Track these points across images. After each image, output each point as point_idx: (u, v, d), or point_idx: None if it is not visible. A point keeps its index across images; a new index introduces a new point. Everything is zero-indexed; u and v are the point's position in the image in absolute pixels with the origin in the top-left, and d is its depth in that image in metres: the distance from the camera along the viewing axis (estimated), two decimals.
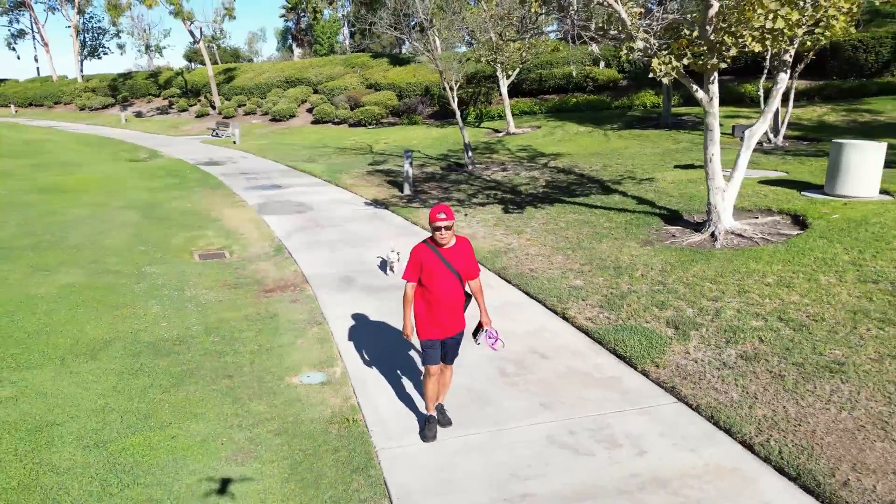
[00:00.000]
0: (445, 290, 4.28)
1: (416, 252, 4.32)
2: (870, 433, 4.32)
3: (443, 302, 4.30)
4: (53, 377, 5.47)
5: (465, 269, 4.36)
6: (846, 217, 8.49)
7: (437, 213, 4.18)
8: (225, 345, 6.29)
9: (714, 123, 8.66)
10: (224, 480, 4.08)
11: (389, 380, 5.51)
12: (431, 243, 4.31)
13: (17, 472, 4.13)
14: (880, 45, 19.10)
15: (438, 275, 4.26)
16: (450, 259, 4.27)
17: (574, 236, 9.67)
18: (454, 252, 4.31)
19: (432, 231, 4.24)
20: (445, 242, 4.25)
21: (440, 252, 4.27)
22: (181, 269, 8.98)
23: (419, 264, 4.28)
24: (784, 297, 6.51)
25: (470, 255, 4.41)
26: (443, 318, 4.35)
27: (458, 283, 4.34)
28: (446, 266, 4.26)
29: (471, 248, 4.46)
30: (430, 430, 4.54)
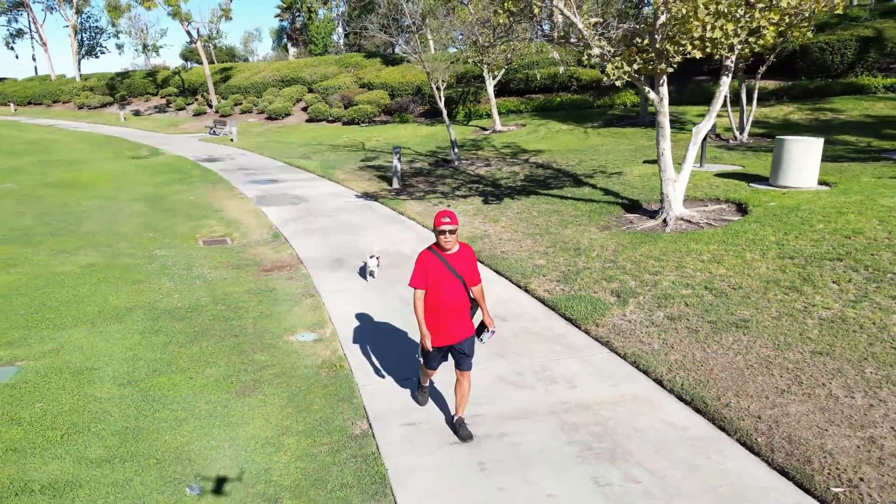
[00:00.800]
0: (451, 296, 4.32)
1: (421, 259, 4.36)
2: (755, 371, 5.36)
3: (449, 307, 4.33)
4: (87, 335, 6.48)
5: (468, 274, 4.41)
6: (782, 205, 9.54)
7: (442, 217, 4.22)
8: (230, 312, 7.30)
9: (665, 121, 9.70)
10: (234, 404, 5.10)
11: (372, 338, 6.53)
12: (436, 249, 4.35)
13: (68, 402, 5.13)
14: (845, 48, 20.19)
15: (444, 281, 4.29)
16: (454, 265, 4.32)
17: (543, 223, 10.71)
18: (458, 258, 4.36)
19: (437, 235, 4.27)
20: (450, 247, 4.30)
21: (445, 258, 4.32)
22: (188, 253, 9.98)
23: (425, 271, 4.32)
24: (713, 270, 7.56)
25: (472, 261, 4.47)
26: (450, 324, 4.37)
27: (463, 289, 4.38)
28: (451, 272, 4.30)
29: (473, 254, 4.53)
30: (423, 395, 5.00)
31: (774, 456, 4.28)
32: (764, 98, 20.88)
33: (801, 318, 6.14)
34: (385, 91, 31.69)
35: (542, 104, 25.96)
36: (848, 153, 13.52)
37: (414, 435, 4.70)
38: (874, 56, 19.92)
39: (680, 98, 22.88)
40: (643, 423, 4.81)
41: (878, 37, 19.95)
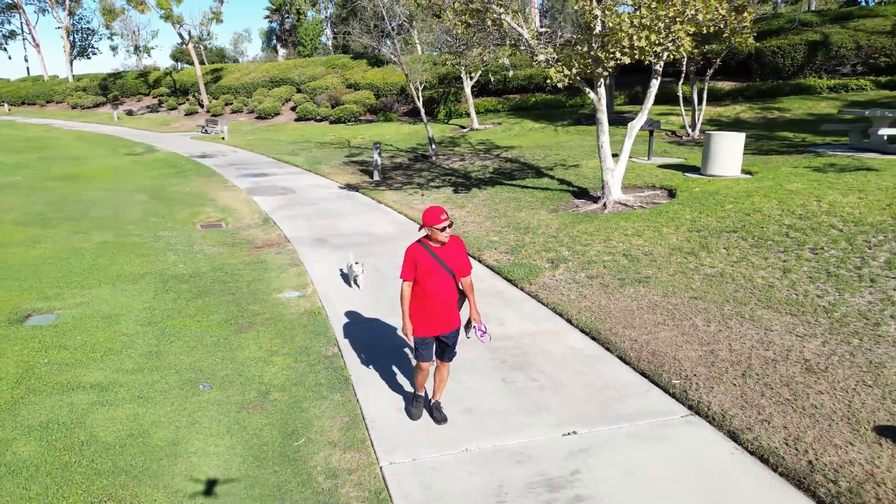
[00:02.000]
0: (440, 289, 4.37)
1: (410, 252, 4.41)
2: (642, 311, 6.83)
3: (438, 300, 4.39)
4: (110, 292, 7.86)
5: (458, 266, 4.46)
6: (705, 190, 11.05)
7: (440, 214, 4.25)
8: (227, 277, 8.70)
9: (603, 118, 11.18)
10: (234, 338, 6.51)
11: (344, 295, 7.95)
12: (426, 243, 4.40)
13: (102, 336, 6.52)
14: (795, 51, 21.81)
15: (433, 273, 4.34)
16: (443, 257, 4.36)
17: (503, 208, 12.17)
18: (447, 250, 4.40)
19: (434, 232, 4.30)
20: (444, 241, 4.37)
21: (434, 251, 4.36)
22: (188, 234, 11.36)
23: (414, 264, 4.37)
24: (632, 242, 9.04)
25: (462, 253, 4.52)
26: (438, 315, 4.43)
27: (451, 281, 4.43)
28: (440, 265, 4.34)
29: (463, 246, 4.58)
30: (417, 407, 4.88)
31: (640, 364, 5.74)
32: (721, 98, 22.50)
33: (690, 274, 7.65)
34: (371, 91, 33.09)
35: (518, 104, 27.46)
36: (781, 147, 15.06)
37: (372, 355, 6.13)
38: (821, 59, 21.56)
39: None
40: (550, 347, 6.27)
41: (826, 41, 21.59)
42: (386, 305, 7.43)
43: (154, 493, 4.02)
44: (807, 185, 10.24)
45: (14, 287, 7.94)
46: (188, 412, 5.01)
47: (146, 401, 5.17)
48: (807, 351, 5.60)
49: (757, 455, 4.35)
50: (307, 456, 4.46)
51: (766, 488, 4.04)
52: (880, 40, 20.58)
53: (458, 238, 4.57)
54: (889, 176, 10.29)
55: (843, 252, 7.46)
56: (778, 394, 4.98)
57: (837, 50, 21.16)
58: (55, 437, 4.61)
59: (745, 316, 6.42)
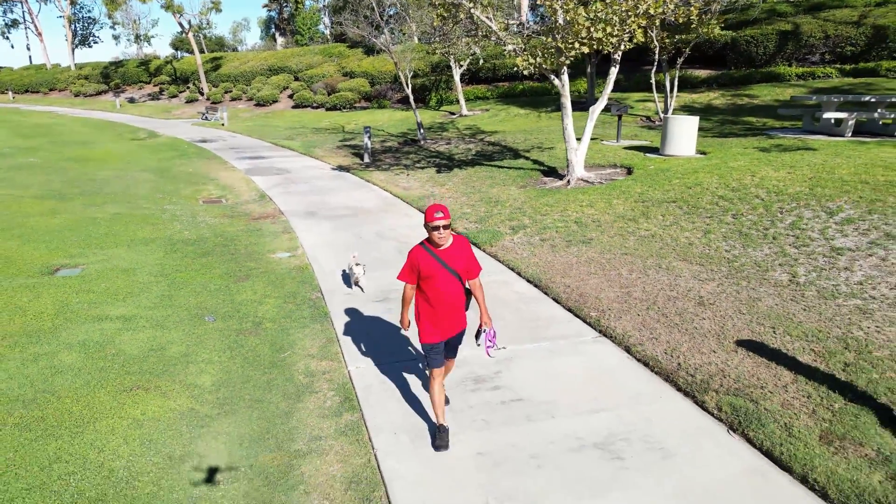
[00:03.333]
0: (446, 293, 4.17)
1: (412, 255, 4.20)
2: (579, 265, 8.03)
3: (444, 304, 4.19)
4: (125, 252, 9.07)
5: (464, 268, 4.25)
6: (658, 168, 12.22)
7: (434, 212, 4.03)
8: (227, 241, 9.90)
9: (567, 102, 12.33)
10: (233, 286, 7.72)
11: (329, 256, 9.15)
12: (428, 245, 4.18)
13: (122, 283, 7.72)
14: (767, 41, 22.88)
15: (437, 277, 4.13)
16: (447, 260, 4.14)
17: (478, 185, 13.34)
18: (451, 252, 4.17)
19: (430, 231, 4.08)
20: (443, 243, 4.11)
21: (437, 254, 4.13)
22: (192, 208, 12.55)
23: (415, 268, 4.16)
24: (585, 211, 10.24)
25: (469, 254, 4.30)
26: (445, 320, 4.24)
27: (458, 284, 4.23)
28: (444, 268, 4.12)
29: (469, 246, 4.34)
30: (442, 439, 4.36)
31: (568, 303, 6.95)
32: (697, 85, 23.60)
33: (627, 236, 8.85)
34: (365, 79, 34.13)
35: (507, 91, 28.54)
36: (741, 131, 16.19)
37: (350, 299, 7.34)
38: (792, 48, 22.63)
39: (628, 85, 25.57)
40: (499, 292, 7.47)
41: (796, 31, 22.64)
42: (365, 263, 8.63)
43: (171, 385, 5.24)
44: (748, 162, 11.41)
45: (42, 248, 9.15)
46: (196, 336, 6.22)
47: (162, 328, 6.39)
48: (703, 291, 6.82)
49: (642, 361, 5.57)
50: (291, 363, 5.68)
51: (643, 381, 5.25)
52: (847, 30, 21.63)
53: (464, 238, 4.34)
54: (823, 154, 11.46)
55: (758, 217, 8.66)
56: (670, 321, 6.20)
57: (807, 39, 22.23)
58: (91, 351, 5.83)
59: (662, 267, 7.63)
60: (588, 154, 14.27)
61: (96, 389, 5.12)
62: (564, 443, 4.40)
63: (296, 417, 4.78)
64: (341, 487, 3.97)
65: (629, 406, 4.85)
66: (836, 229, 7.81)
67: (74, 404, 4.88)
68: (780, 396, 4.75)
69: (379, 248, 9.39)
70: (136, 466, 4.15)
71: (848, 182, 9.32)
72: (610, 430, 4.54)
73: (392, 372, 5.49)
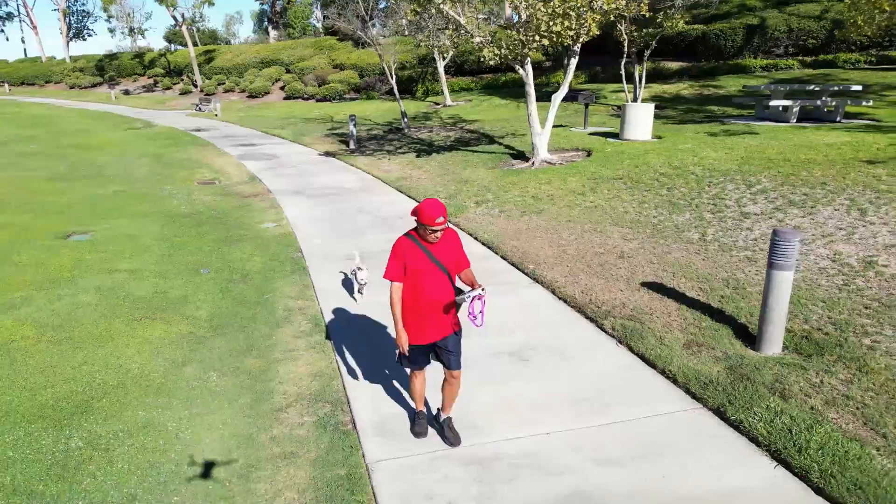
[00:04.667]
0: (433, 289, 3.86)
1: (398, 247, 3.87)
2: (528, 231, 9.20)
3: (431, 302, 3.88)
4: (128, 222, 10.19)
5: (454, 262, 3.97)
6: (615, 150, 13.39)
7: (436, 217, 3.67)
8: (220, 214, 11.02)
9: (531, 91, 13.46)
10: (225, 248, 8.86)
11: (310, 225, 10.29)
12: (415, 237, 3.87)
13: (127, 245, 8.84)
14: (735, 34, 24.04)
15: (424, 272, 3.83)
16: (437, 254, 3.85)
17: (452, 168, 14.49)
18: (441, 246, 3.88)
19: (425, 231, 3.75)
20: (436, 240, 3.83)
21: (426, 246, 3.83)
22: (187, 188, 13.65)
23: (402, 261, 3.83)
24: (542, 188, 11.40)
25: (458, 246, 4.02)
26: (431, 320, 3.92)
27: (446, 280, 3.90)
28: (433, 262, 3.84)
29: (458, 238, 4.05)
30: (421, 426, 4.33)
31: (513, 259, 8.11)
32: (669, 77, 24.75)
33: (574, 207, 10.03)
34: (355, 71, 35.16)
35: (490, 83, 29.64)
36: (701, 118, 17.35)
37: (325, 258, 8.49)
38: (758, 41, 23.81)
39: (605, 77, 26.72)
40: None
41: (762, 25, 23.81)
42: (340, 230, 9.79)
43: (174, 316, 6.39)
44: (694, 145, 12.60)
45: (54, 219, 10.26)
46: (194, 284, 7.37)
47: (164, 278, 7.53)
48: (626, 248, 8.01)
49: (562, 299, 6.74)
50: (273, 302, 6.84)
51: (559, 312, 6.42)
52: (809, 24, 22.81)
53: (453, 230, 4.00)
54: (762, 138, 12.65)
55: (688, 189, 9.85)
56: (592, 270, 7.38)
57: (772, 33, 23.40)
58: (105, 293, 6.97)
59: (597, 230, 8.81)
60: (555, 139, 15.43)
61: (111, 319, 6.26)
62: (489, 351, 5.57)
63: (275, 338, 5.94)
64: (308, 378, 5.13)
65: (544, 328, 6.03)
66: (749, 198, 9.00)
67: (94, 328, 6.03)
68: (663, 319, 5.94)
69: (355, 221, 10.53)
70: (147, 367, 5.30)
71: (773, 160, 10.52)
72: (524, 343, 5.71)
73: (358, 312, 6.65)
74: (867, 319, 5.53)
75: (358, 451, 4.16)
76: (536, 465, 3.97)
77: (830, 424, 4.18)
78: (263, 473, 3.94)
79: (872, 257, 6.69)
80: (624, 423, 4.43)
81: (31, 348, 5.58)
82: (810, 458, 3.86)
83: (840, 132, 12.48)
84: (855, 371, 4.79)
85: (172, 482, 3.86)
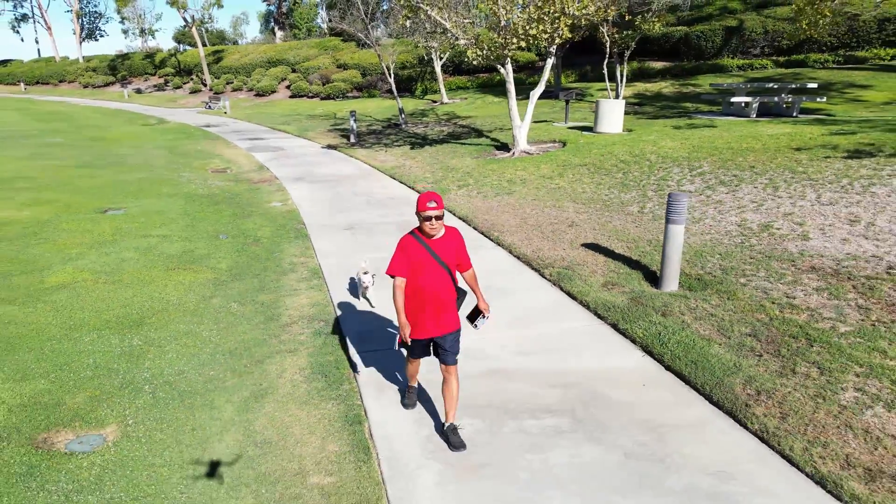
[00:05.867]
0: (434, 285, 4.01)
1: (402, 244, 4.05)
2: (499, 209, 10.68)
3: (431, 298, 4.02)
4: (154, 201, 11.74)
5: (455, 261, 4.12)
6: (587, 142, 14.86)
7: (427, 201, 3.89)
8: (233, 196, 12.56)
9: (511, 88, 14.95)
10: (239, 220, 10.40)
11: (312, 203, 11.81)
12: (419, 234, 4.04)
13: (156, 218, 10.38)
14: (715, 36, 25.45)
15: (426, 268, 3.98)
16: (438, 251, 4.00)
17: (441, 158, 15.99)
18: (443, 243, 4.03)
19: (421, 221, 3.94)
20: (435, 233, 3.97)
21: (428, 244, 3.99)
22: (202, 175, 15.20)
23: (405, 256, 4.00)
24: (517, 173, 12.89)
25: (460, 246, 4.16)
26: (430, 315, 4.07)
27: (447, 277, 4.06)
28: (435, 259, 3.98)
29: (461, 237, 4.20)
30: (409, 398, 4.64)
31: (482, 228, 9.59)
32: (653, 76, 26.20)
33: (542, 188, 11.52)
34: (358, 71, 36.70)
35: (485, 81, 31.12)
36: (673, 114, 18.80)
37: (323, 229, 10.01)
38: (736, 42, 25.22)
39: (594, 76, 28.16)
40: None
41: (740, 26, 25.23)
42: (337, 208, 11.31)
43: (200, 267, 7.91)
44: (657, 137, 14.07)
45: (91, 198, 11.81)
46: (214, 245, 8.90)
47: (189, 241, 9.07)
48: (576, 219, 9.50)
49: (516, 257, 8.23)
50: (280, 258, 8.36)
51: (512, 265, 7.91)
52: (783, 25, 24.21)
53: (456, 230, 4.20)
54: (718, 131, 14.11)
55: (640, 174, 11.33)
56: (545, 235, 8.87)
57: (749, 34, 24.81)
58: (143, 251, 8.50)
59: (557, 206, 10.31)
60: (537, 132, 16.93)
61: (150, 269, 7.80)
62: None
63: (282, 281, 7.46)
64: (308, 306, 6.65)
65: (498, 276, 7.52)
66: (688, 179, 10.48)
67: (138, 275, 7.57)
68: (591, 268, 7.43)
69: (351, 201, 12.05)
70: (183, 299, 6.83)
71: (718, 148, 11.99)
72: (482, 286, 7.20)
73: (349, 264, 8.17)
74: (748, 266, 7.02)
75: (348, 348, 5.67)
76: (472, 356, 5.46)
77: (691, 331, 5.67)
78: (273, 360, 5.46)
79: (770, 222, 8.17)
80: (542, 333, 5.93)
81: (91, 286, 7.12)
82: (668, 349, 5.35)
83: (788, 125, 13.93)
84: (724, 299, 6.28)
85: (209, 364, 5.38)
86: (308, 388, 4.98)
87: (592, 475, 3.87)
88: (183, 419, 4.52)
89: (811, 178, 9.44)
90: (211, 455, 4.12)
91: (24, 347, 5.58)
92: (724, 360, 5.11)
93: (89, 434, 4.35)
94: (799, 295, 6.19)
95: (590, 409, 4.61)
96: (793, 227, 7.92)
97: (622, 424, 4.41)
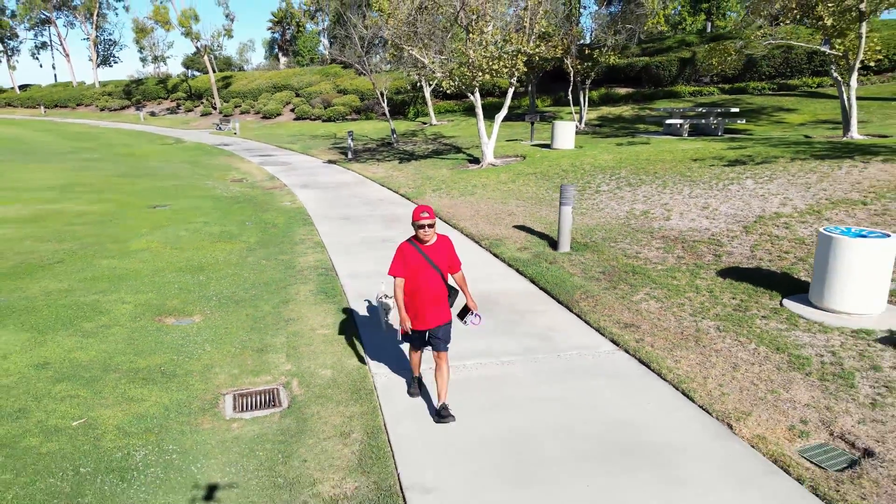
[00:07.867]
0: (427, 285, 4.65)
1: (400, 250, 4.69)
2: (461, 203, 13.76)
3: (425, 295, 4.67)
4: (190, 201, 14.82)
5: (446, 264, 4.74)
6: (542, 156, 17.98)
7: (421, 212, 4.50)
8: (251, 198, 15.64)
9: (479, 113, 18.13)
10: (259, 214, 13.47)
11: (317, 203, 14.91)
12: (415, 241, 4.67)
13: (193, 213, 13.44)
14: (671, 65, 28.79)
15: (421, 271, 4.62)
16: (431, 255, 4.63)
17: (423, 170, 19.13)
18: (435, 249, 4.68)
19: (416, 229, 4.57)
20: (429, 239, 4.62)
21: (422, 249, 4.63)
22: (224, 183, 18.32)
23: (403, 260, 4.65)
24: (480, 180, 16.00)
25: (451, 251, 4.80)
26: (426, 310, 4.72)
27: (439, 278, 4.70)
28: (428, 262, 4.61)
29: (451, 244, 4.83)
30: (414, 388, 5.31)
31: (445, 218, 12.64)
32: (617, 101, 29.48)
33: (497, 190, 14.63)
34: (356, 95, 40.09)
35: (471, 106, 34.38)
36: (624, 133, 21.96)
37: (326, 219, 13.05)
38: (689, 71, 28.54)
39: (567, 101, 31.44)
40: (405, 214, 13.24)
41: (692, 58, 28.57)
42: (336, 206, 14.40)
43: (236, 242, 10.94)
44: (599, 152, 17.21)
45: (139, 198, 14.90)
46: (243, 228, 11.95)
47: (224, 226, 12.11)
48: (516, 210, 12.57)
49: (466, 235, 11.26)
50: (292, 236, 11.40)
51: (463, 241, 10.95)
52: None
53: (447, 237, 4.80)
54: (649, 147, 17.24)
55: (574, 179, 14.42)
56: (489, 220, 11.92)
57: (700, 65, 28.14)
58: (191, 231, 11.53)
59: (504, 202, 13.39)
60: (503, 149, 20.08)
61: (199, 241, 10.85)
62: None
63: (295, 249, 10.49)
64: (314, 262, 9.68)
65: None
66: (606, 182, 13.58)
67: (191, 245, 10.62)
68: (514, 240, 10.47)
69: (349, 203, 15.13)
70: (227, 258, 9.86)
71: (639, 160, 15.11)
72: None
73: (347, 240, 11.22)
74: (621, 236, 10.07)
75: (338, 280, 8.70)
76: None
77: (564, 270, 8.70)
78: (293, 286, 8.47)
79: (649, 210, 11.25)
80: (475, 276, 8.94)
81: (162, 250, 10.18)
82: (545, 279, 8.38)
83: (704, 142, 17.08)
84: (596, 256, 9.32)
85: (252, 287, 8.39)
86: (315, 298, 8.00)
87: (482, 329, 6.88)
88: (239, 311, 7.55)
89: (692, 179, 12.53)
90: (260, 325, 7.14)
91: (130, 279, 8.62)
92: (576, 283, 8.15)
93: (184, 318, 7.36)
94: (644, 251, 9.24)
95: (489, 305, 7.63)
96: (663, 212, 11.00)
97: (505, 310, 7.43)
